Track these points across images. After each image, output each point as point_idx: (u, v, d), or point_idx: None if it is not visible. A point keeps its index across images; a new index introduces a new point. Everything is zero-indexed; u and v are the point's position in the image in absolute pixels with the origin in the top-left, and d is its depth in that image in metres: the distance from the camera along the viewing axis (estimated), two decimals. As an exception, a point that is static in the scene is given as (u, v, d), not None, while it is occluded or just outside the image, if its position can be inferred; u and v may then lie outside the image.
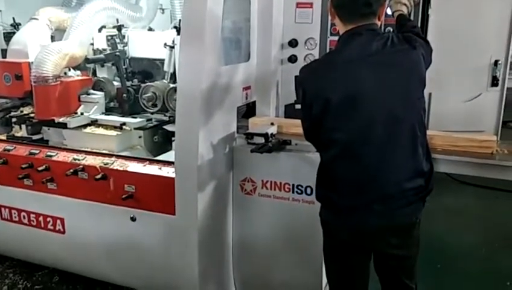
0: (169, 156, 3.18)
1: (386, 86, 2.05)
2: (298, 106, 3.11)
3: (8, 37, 3.99)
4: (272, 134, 2.86)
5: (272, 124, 2.99)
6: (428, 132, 2.31)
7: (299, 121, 2.97)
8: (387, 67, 2.07)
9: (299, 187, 2.78)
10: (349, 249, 2.26)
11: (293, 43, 3.18)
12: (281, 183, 2.83)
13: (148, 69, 3.94)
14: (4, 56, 3.92)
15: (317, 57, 3.13)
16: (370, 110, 2.04)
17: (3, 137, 3.69)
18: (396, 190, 2.10)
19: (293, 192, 2.81)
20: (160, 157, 3.18)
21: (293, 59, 3.20)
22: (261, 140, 2.82)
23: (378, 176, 2.09)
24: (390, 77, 2.06)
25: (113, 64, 3.79)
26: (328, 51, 3.11)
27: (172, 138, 3.29)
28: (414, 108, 2.09)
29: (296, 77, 3.11)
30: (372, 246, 2.25)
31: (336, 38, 3.03)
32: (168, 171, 2.87)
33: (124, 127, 3.41)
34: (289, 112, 3.20)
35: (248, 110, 3.18)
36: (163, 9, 4.25)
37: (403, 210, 2.13)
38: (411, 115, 2.08)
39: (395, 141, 2.06)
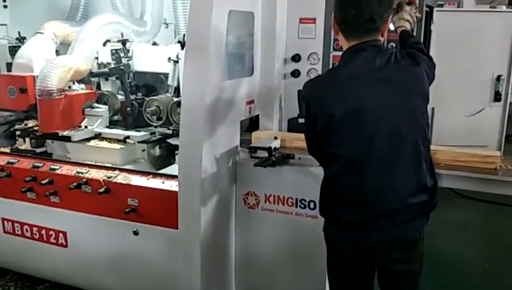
0: (172, 169, 3.19)
1: (390, 101, 2.06)
2: (301, 120, 3.15)
3: (13, 50, 4.03)
4: (275, 148, 2.87)
5: (275, 138, 3.00)
6: (432, 147, 2.32)
7: (302, 135, 2.98)
8: (391, 83, 2.07)
9: (303, 201, 2.78)
10: (353, 264, 2.25)
11: (296, 58, 3.19)
12: (284, 197, 2.83)
13: (152, 83, 3.97)
14: (9, 70, 3.95)
15: (320, 71, 3.14)
16: (373, 125, 2.05)
17: (7, 150, 3.70)
18: (400, 205, 2.09)
19: (296, 206, 2.81)
20: (163, 171, 3.18)
21: (296, 74, 3.21)
22: (265, 154, 2.82)
23: (381, 191, 2.08)
24: (394, 92, 2.07)
25: (117, 78, 3.81)
26: (331, 66, 3.12)
27: (176, 152, 3.31)
28: (417, 123, 2.10)
29: (299, 91, 3.14)
30: (376, 261, 2.24)
31: (339, 53, 3.01)
32: (171, 185, 2.88)
33: (127, 140, 3.42)
34: (292, 126, 3.20)
35: (251, 124, 3.19)
36: (167, 24, 4.28)
37: (406, 225, 2.12)
38: (414, 131, 2.08)
39: (399, 156, 2.07)
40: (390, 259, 2.18)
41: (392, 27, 2.58)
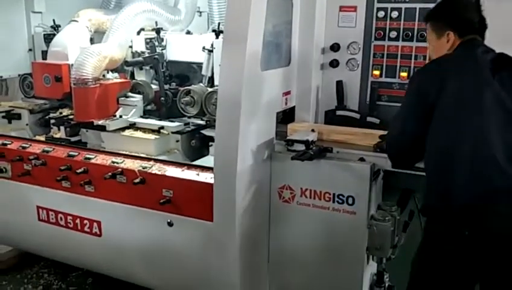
0: (206, 161, 3.15)
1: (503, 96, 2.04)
2: (339, 112, 3.06)
3: (48, 38, 4.05)
4: (312, 141, 2.79)
5: (313, 130, 2.92)
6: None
7: (340, 128, 2.91)
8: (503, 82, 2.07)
9: (340, 197, 2.69)
10: (458, 271, 2.02)
11: (335, 48, 3.08)
12: (320, 192, 2.74)
13: (185, 73, 3.93)
14: (44, 58, 3.97)
15: (360, 62, 3.03)
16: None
17: (42, 138, 3.73)
18: None
19: (333, 201, 2.72)
20: (197, 162, 3.15)
21: (334, 64, 3.10)
22: (301, 147, 2.74)
23: (502, 162, 1.90)
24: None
25: (151, 68, 3.78)
26: (371, 56, 3.01)
27: (210, 143, 3.27)
28: None
29: (338, 82, 3.05)
30: (490, 264, 1.94)
31: (381, 43, 2.98)
32: (206, 177, 2.83)
33: (161, 130, 3.39)
34: (330, 118, 3.11)
35: (285, 116, 3.11)
36: (200, 12, 4.23)
37: None
38: None
39: None
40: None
41: None
